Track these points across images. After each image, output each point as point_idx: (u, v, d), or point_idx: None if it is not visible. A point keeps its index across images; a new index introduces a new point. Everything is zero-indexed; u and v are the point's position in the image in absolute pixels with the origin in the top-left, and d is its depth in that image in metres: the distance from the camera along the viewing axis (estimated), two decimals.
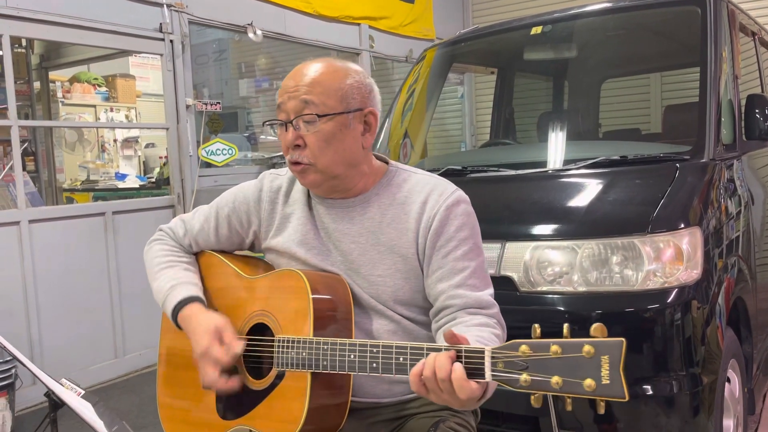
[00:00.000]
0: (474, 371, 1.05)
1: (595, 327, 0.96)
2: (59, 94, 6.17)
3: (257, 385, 1.35)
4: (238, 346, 1.33)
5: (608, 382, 0.93)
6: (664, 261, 1.88)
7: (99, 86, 6.39)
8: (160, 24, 4.32)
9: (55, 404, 1.67)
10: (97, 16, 3.94)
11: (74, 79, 6.26)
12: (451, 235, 1.34)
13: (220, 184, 4.63)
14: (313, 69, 1.34)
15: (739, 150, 2.58)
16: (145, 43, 4.29)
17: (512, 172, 2.47)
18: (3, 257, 3.52)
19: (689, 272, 1.88)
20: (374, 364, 1.17)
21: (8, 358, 3.03)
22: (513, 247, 2.03)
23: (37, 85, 5.87)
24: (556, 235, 2.01)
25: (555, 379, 0.96)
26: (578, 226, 2.02)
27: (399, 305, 1.37)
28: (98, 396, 1.78)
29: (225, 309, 1.45)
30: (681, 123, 2.96)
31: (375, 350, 1.17)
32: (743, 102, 2.68)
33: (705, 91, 2.41)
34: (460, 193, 1.39)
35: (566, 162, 2.48)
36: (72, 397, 1.68)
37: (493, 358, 1.03)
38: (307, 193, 1.45)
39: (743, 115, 2.65)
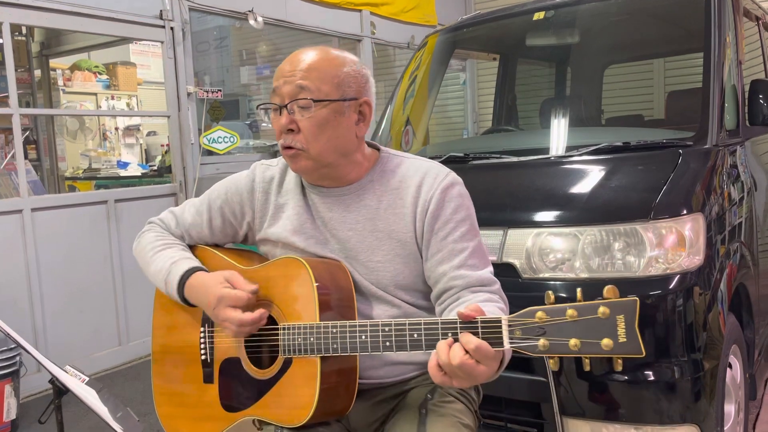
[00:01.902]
0: (492, 341, 1.07)
1: (608, 289, 1.00)
2: (60, 82, 6.16)
3: (263, 374, 1.34)
4: (251, 286, 1.33)
5: (625, 339, 0.97)
6: (667, 247, 1.87)
7: (100, 74, 6.38)
8: (161, 11, 4.30)
9: (60, 391, 1.68)
10: (97, 3, 3.93)
11: (75, 67, 6.24)
12: (448, 218, 1.35)
13: (222, 172, 4.63)
14: (310, 55, 1.34)
15: (743, 136, 2.57)
16: (145, 30, 4.28)
17: (514, 159, 2.47)
18: (6, 246, 3.53)
19: (691, 258, 1.88)
20: (387, 343, 1.18)
21: (13, 346, 3.04)
22: (515, 234, 2.03)
23: (37, 73, 5.86)
24: (559, 222, 2.01)
25: (573, 342, 0.99)
26: (580, 212, 2.01)
27: (400, 290, 1.38)
28: (102, 383, 1.79)
29: None
30: (684, 109, 2.95)
31: (387, 329, 1.18)
32: (747, 87, 2.66)
33: (708, 76, 2.40)
34: (454, 176, 1.39)
35: (569, 148, 2.47)
36: (76, 383, 1.69)
37: (510, 326, 1.05)
38: (301, 183, 1.45)
39: (747, 100, 2.64)
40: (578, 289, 1.02)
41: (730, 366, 2.10)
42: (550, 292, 1.03)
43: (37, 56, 5.89)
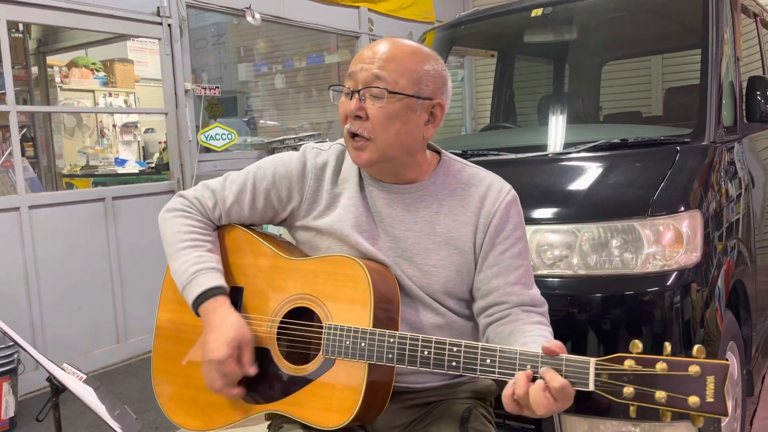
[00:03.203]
0: (575, 380, 1.08)
1: (698, 348, 1.04)
2: (57, 79, 6.15)
3: (296, 370, 1.30)
4: (252, 371, 1.30)
5: (713, 400, 1.01)
6: (664, 244, 1.88)
7: (97, 71, 6.37)
8: (158, 8, 4.29)
9: (57, 389, 1.68)
10: (94, 0, 3.91)
11: (72, 64, 6.23)
12: (509, 233, 1.35)
13: (220, 169, 4.62)
14: (392, 45, 1.31)
15: (740, 132, 2.57)
16: (142, 27, 4.27)
17: (512, 156, 2.47)
18: (3, 243, 3.53)
19: (689, 255, 1.88)
20: (454, 363, 1.17)
21: (10, 344, 3.04)
22: None
23: (35, 70, 5.84)
24: (556, 219, 2.01)
25: (660, 394, 1.03)
26: (578, 209, 2.01)
27: (448, 297, 1.36)
28: (100, 381, 1.79)
29: (255, 288, 1.39)
30: (682, 106, 2.95)
31: (456, 349, 1.17)
32: (744, 84, 2.66)
33: (706, 73, 2.40)
34: (515, 193, 1.40)
35: (566, 145, 2.47)
36: (73, 381, 1.69)
37: (596, 369, 1.07)
38: (359, 173, 1.40)
39: (744, 97, 2.64)
40: (666, 344, 1.06)
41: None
42: (637, 341, 1.06)
43: (35, 53, 5.88)
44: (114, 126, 6.92)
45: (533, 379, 1.10)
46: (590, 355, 1.87)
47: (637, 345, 1.05)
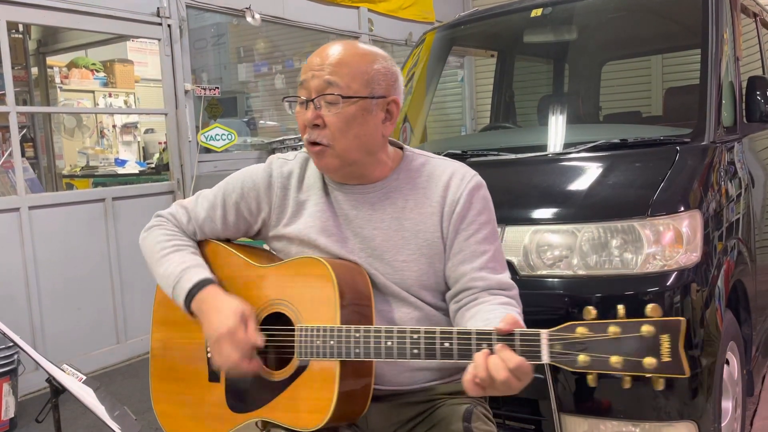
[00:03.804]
0: (530, 354, 1.06)
1: (652, 307, 0.99)
2: (57, 80, 6.15)
3: (275, 375, 1.31)
4: (260, 338, 1.29)
5: (669, 359, 0.96)
6: (664, 244, 1.87)
7: (97, 71, 6.37)
8: (158, 8, 4.29)
9: (57, 390, 1.68)
10: (94, 1, 3.92)
11: (72, 65, 6.23)
12: (473, 219, 1.35)
13: (220, 170, 4.62)
14: (340, 49, 1.31)
15: (740, 132, 2.57)
16: (142, 27, 4.27)
17: (512, 156, 2.47)
18: (3, 244, 3.53)
19: (689, 255, 1.88)
20: (415, 350, 1.16)
21: (10, 345, 3.04)
22: (513, 231, 2.03)
23: (34, 70, 5.84)
24: (556, 219, 2.01)
25: (614, 359, 0.99)
26: (578, 209, 2.01)
27: (423, 290, 1.36)
28: (99, 381, 1.79)
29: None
30: (682, 106, 2.95)
31: (416, 336, 1.16)
32: (744, 84, 2.66)
33: (706, 73, 2.40)
34: (480, 178, 1.40)
35: (566, 145, 2.47)
36: (73, 382, 1.69)
37: (550, 340, 1.05)
38: (323, 179, 1.42)
39: (744, 97, 2.64)
40: (620, 306, 1.02)
41: (728, 362, 2.11)
42: (591, 307, 1.03)
43: (34, 54, 5.88)
44: (114, 126, 6.92)
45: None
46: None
47: (590, 311, 1.03)
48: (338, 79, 1.28)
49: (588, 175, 2.15)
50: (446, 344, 1.14)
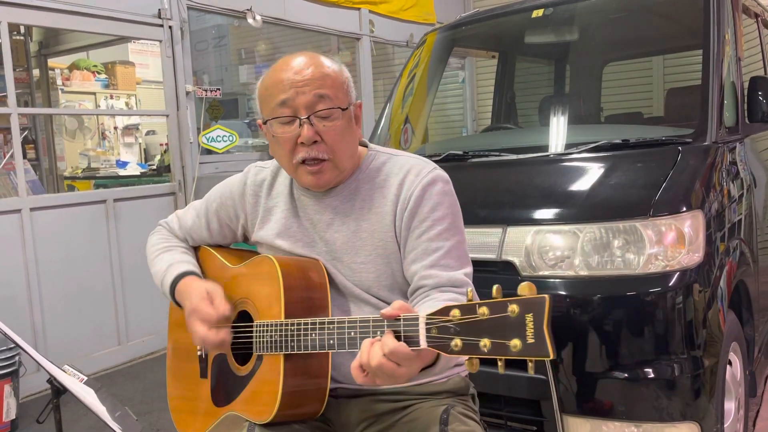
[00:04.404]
0: (411, 339, 1.03)
1: (523, 285, 0.93)
2: (59, 82, 6.15)
3: (241, 370, 1.36)
4: (226, 307, 1.32)
5: (533, 341, 0.89)
6: (666, 244, 1.87)
7: (98, 73, 6.37)
8: (159, 10, 4.29)
9: (58, 390, 1.68)
10: (95, 3, 3.92)
11: (74, 67, 6.23)
12: (425, 216, 1.32)
13: (221, 171, 4.62)
14: (315, 61, 1.31)
15: (742, 133, 2.57)
16: (143, 29, 4.27)
17: (514, 157, 2.46)
18: (5, 245, 3.53)
19: (691, 256, 1.88)
20: (331, 341, 1.17)
21: (12, 346, 3.04)
22: (514, 232, 2.03)
23: (36, 72, 5.85)
24: (558, 219, 2.01)
25: (483, 342, 0.93)
26: (580, 210, 2.01)
27: (384, 290, 1.36)
28: (101, 382, 1.79)
29: None
30: (683, 106, 2.95)
31: (331, 327, 1.16)
32: (746, 84, 2.66)
33: (707, 73, 2.39)
34: (438, 173, 1.36)
35: (568, 146, 2.47)
36: (74, 383, 1.69)
37: (427, 324, 1.01)
38: (290, 185, 1.44)
39: (746, 97, 2.64)
40: (495, 286, 0.95)
41: (730, 363, 2.10)
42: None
43: (36, 55, 5.89)
44: (115, 128, 6.92)
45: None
46: (592, 358, 1.88)
47: (469, 293, 0.99)
48: (328, 92, 1.28)
49: (590, 175, 2.15)
50: (352, 333, 1.13)
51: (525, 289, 0.92)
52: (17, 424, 3.14)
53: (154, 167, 5.73)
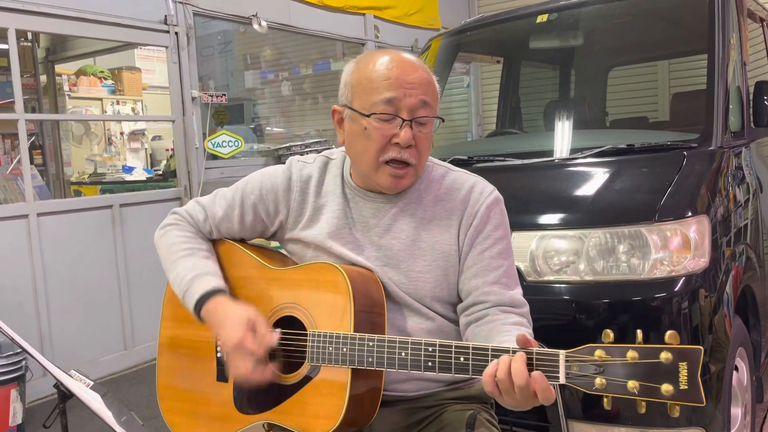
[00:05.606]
0: (546, 373, 1.07)
1: (670, 334, 0.99)
2: (66, 88, 6.19)
3: (286, 379, 1.31)
4: (273, 337, 1.29)
5: (686, 387, 0.96)
6: (672, 249, 1.87)
7: (105, 79, 6.41)
8: (165, 16, 4.32)
9: (64, 395, 1.68)
10: (102, 9, 3.94)
11: (80, 73, 6.27)
12: (488, 233, 1.35)
13: (227, 176, 4.63)
14: (422, 66, 1.32)
15: (748, 137, 2.56)
16: (150, 35, 4.29)
17: (519, 162, 2.47)
18: (12, 250, 3.54)
19: (696, 261, 1.87)
20: (429, 363, 1.16)
21: (18, 350, 3.05)
22: (519, 237, 2.02)
23: (43, 78, 5.89)
24: (563, 225, 2.01)
25: (632, 384, 0.99)
26: (585, 215, 2.01)
27: (436, 302, 1.36)
28: (107, 387, 1.79)
29: (247, 300, 1.40)
30: (689, 111, 2.94)
31: (431, 349, 1.16)
32: (751, 89, 2.66)
33: (713, 78, 2.39)
34: (498, 193, 1.40)
35: (573, 151, 2.47)
36: (81, 388, 1.70)
37: (567, 361, 1.05)
38: (341, 185, 1.42)
39: (751, 102, 2.63)
40: (638, 331, 1.02)
41: (737, 369, 2.09)
42: (609, 330, 1.02)
43: (43, 62, 5.92)
44: (122, 133, 6.95)
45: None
46: None
47: (609, 335, 1.03)
48: (430, 100, 1.30)
49: (595, 180, 2.15)
50: (461, 359, 1.14)
51: (673, 338, 0.99)
52: (24, 429, 3.15)
53: (160, 172, 5.76)
